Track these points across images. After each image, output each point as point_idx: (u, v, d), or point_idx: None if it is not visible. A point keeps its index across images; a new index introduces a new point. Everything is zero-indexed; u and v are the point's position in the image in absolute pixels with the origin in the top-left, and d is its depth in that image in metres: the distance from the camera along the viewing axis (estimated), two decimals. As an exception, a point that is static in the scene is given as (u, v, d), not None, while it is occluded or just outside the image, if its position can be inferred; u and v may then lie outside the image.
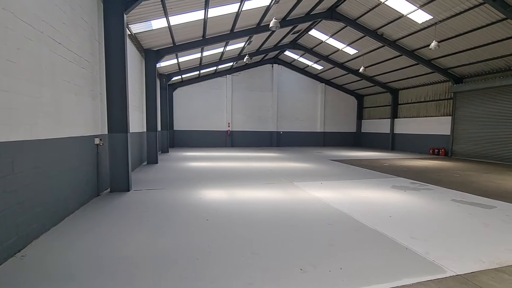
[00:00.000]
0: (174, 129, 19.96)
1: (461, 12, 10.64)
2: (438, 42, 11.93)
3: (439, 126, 16.66)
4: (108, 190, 6.59)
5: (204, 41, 11.71)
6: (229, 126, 21.05)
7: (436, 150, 16.63)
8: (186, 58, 14.12)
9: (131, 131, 8.70)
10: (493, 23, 10.62)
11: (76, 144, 5.06)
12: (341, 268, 3.11)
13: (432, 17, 11.46)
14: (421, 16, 11.73)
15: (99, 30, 6.28)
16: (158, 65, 13.89)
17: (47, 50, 4.11)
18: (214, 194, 6.42)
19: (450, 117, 15.94)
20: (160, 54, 11.25)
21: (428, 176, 9.25)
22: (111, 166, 6.44)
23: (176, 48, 11.39)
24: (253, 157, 14.16)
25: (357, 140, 24.46)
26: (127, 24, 8.40)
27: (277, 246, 3.67)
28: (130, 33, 9.06)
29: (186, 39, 11.33)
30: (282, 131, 22.45)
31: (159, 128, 15.86)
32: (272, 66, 21.74)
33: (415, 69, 16.34)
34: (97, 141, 5.91)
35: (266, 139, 22.11)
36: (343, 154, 16.44)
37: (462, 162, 13.57)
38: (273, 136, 22.04)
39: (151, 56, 11.15)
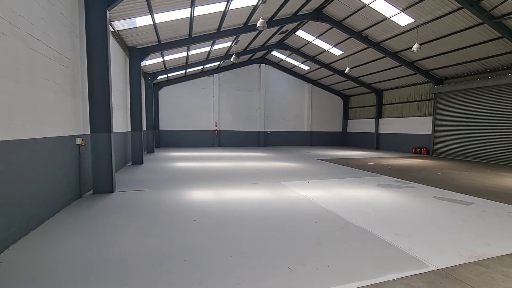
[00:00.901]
0: (160, 129, 19.61)
1: (441, 16, 11.04)
2: (420, 44, 12.34)
3: (421, 126, 17.24)
4: (91, 191, 6.38)
5: (190, 40, 11.57)
6: (216, 126, 20.91)
7: (419, 149, 17.20)
8: (172, 56, 13.90)
9: (114, 131, 8.47)
10: (471, 27, 11.09)
11: (56, 145, 4.87)
12: (328, 266, 3.15)
13: (414, 20, 11.83)
14: (403, 19, 12.08)
15: (80, 27, 6.07)
16: (143, 64, 13.60)
17: (25, 46, 3.93)
18: (202, 195, 6.35)
19: (431, 117, 16.52)
20: (145, 52, 11.02)
21: (411, 174, 9.54)
22: (93, 167, 6.24)
23: (161, 47, 11.20)
24: (241, 157, 14.13)
25: (343, 139, 24.92)
26: (110, 21, 8.17)
27: (265, 245, 3.67)
28: (113, 30, 8.82)
29: (171, 37, 11.15)
30: (270, 131, 22.53)
31: (144, 128, 15.54)
32: (260, 66, 21.77)
33: (399, 71, 16.83)
34: (78, 141, 5.71)
35: (254, 139, 22.13)
36: (329, 154, 16.70)
37: (443, 160, 14.10)
38: (260, 136, 22.09)
39: (135, 54, 10.89)
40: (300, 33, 15.98)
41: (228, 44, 14.88)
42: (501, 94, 13.00)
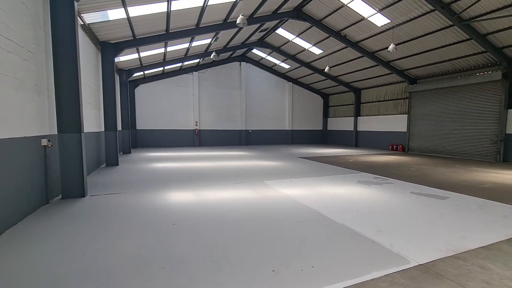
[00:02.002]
0: (137, 128, 18.85)
1: (415, 18, 11.46)
2: (396, 45, 12.74)
3: (397, 123, 17.90)
4: (60, 196, 5.92)
5: (167, 36, 11.15)
6: (196, 125, 20.46)
7: (395, 146, 17.85)
8: (149, 53, 13.35)
9: (85, 130, 7.97)
10: (442, 28, 11.60)
11: (18, 146, 4.43)
12: (313, 267, 3.08)
13: (390, 21, 12.18)
14: (380, 20, 12.41)
15: (45, 18, 5.58)
16: (117, 60, 12.96)
17: (-24, 36, 3.50)
18: (181, 197, 6.10)
19: (406, 115, 17.19)
20: (119, 47, 10.47)
21: (389, 170, 9.82)
22: (62, 170, 5.79)
23: (136, 42, 10.70)
24: (222, 156, 13.90)
25: (324, 137, 25.36)
26: (79, 13, 7.64)
27: (249, 248, 3.54)
28: (83, 23, 8.27)
29: (147, 32, 10.68)
30: (251, 130, 22.42)
31: (119, 127, 14.86)
32: (240, 64, 21.56)
33: (376, 70, 17.32)
34: (44, 142, 5.26)
35: (235, 138, 21.92)
36: (310, 152, 16.88)
37: (417, 157, 14.70)
38: (242, 134, 21.91)
39: (108, 49, 10.32)
40: (281, 31, 15.98)
41: (208, 41, 14.55)
42: (470, 93, 13.76)
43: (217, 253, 3.39)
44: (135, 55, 13.20)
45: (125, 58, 13.25)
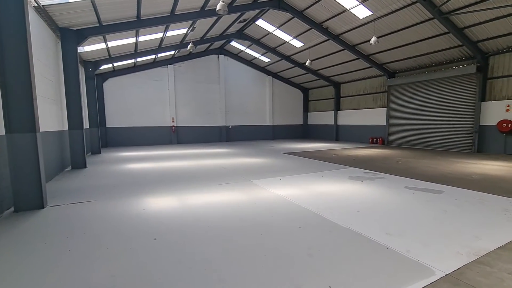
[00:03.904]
0: (107, 126, 17.35)
1: (397, 10, 11.38)
2: (377, 37, 12.66)
3: (376, 117, 18.13)
4: (12, 209, 4.93)
5: (138, 23, 10.10)
6: (173, 122, 19.32)
7: (375, 139, 18.10)
8: (118, 42, 12.12)
9: (43, 129, 6.88)
10: (422, 22, 11.66)
11: None
12: (330, 287, 2.58)
13: (372, 13, 12.03)
14: (362, 12, 12.23)
15: (-18, -9, 4.51)
16: (81, 50, 11.63)
17: None
18: (162, 203, 5.36)
19: (385, 109, 17.44)
20: (82, 35, 9.27)
21: (376, 164, 9.69)
22: (13, 177, 4.80)
23: (103, 29, 9.55)
24: (203, 154, 13.11)
25: (305, 132, 25.28)
26: (31, -9, 6.48)
27: (249, 266, 2.97)
28: (37, 5, 7.07)
29: (115, 18, 9.58)
30: (231, 126, 21.70)
31: (86, 126, 13.49)
32: (218, 57, 20.64)
33: (356, 64, 17.32)
34: (-14, 144, 4.26)
35: (215, 134, 21.08)
36: (293, 147, 16.58)
37: (398, 149, 14.93)
38: (222, 130, 21.12)
39: (69, 37, 9.09)
40: (261, 22, 15.35)
41: (184, 31, 13.56)
42: (446, 86, 14.14)
43: (212, 275, 2.78)
44: (102, 45, 11.91)
45: (91, 48, 11.91)
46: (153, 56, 16.44)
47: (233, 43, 19.26)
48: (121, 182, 7.15)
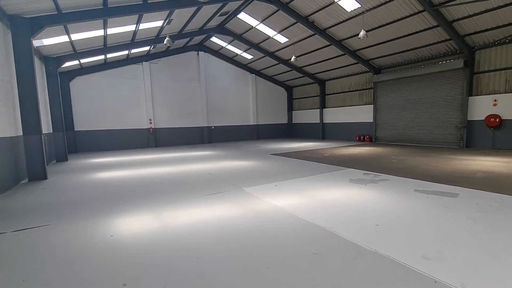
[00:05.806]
0: (76, 129, 15.64)
1: (386, 2, 10.93)
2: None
3: (363, 114, 17.83)
4: None
5: (105, 11, 8.84)
6: (151, 123, 17.90)
7: (362, 137, 17.79)
8: (83, 35, 10.70)
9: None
10: (411, 15, 11.31)
11: None
12: None
13: (360, 5, 11.53)
14: (350, 4, 11.70)
15: None
16: (39, 43, 10.13)
17: None
18: (137, 224, 4.31)
19: (372, 106, 17.16)
20: (37, 24, 7.89)
21: (372, 164, 9.13)
22: None
23: (62, 18, 8.22)
24: (185, 158, 11.99)
25: (290, 131, 24.68)
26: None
27: (261, 329, 2.07)
28: (-29, -19, 5.70)
29: (77, 5, 8.28)
30: (214, 126, 20.60)
31: (48, 129, 11.91)
32: (198, 54, 19.45)
33: (341, 60, 16.89)
34: None
35: (197, 136, 19.88)
36: (280, 147, 15.83)
37: (387, 147, 14.62)
38: (204, 131, 19.97)
39: (21, 26, 7.69)
40: (243, 16, 14.43)
41: (159, 23, 12.34)
42: (433, 81, 13.99)
43: None
44: (65, 38, 10.45)
45: (51, 41, 10.41)
46: (126, 52, 15.00)
47: (214, 39, 18.18)
48: (87, 197, 5.96)
